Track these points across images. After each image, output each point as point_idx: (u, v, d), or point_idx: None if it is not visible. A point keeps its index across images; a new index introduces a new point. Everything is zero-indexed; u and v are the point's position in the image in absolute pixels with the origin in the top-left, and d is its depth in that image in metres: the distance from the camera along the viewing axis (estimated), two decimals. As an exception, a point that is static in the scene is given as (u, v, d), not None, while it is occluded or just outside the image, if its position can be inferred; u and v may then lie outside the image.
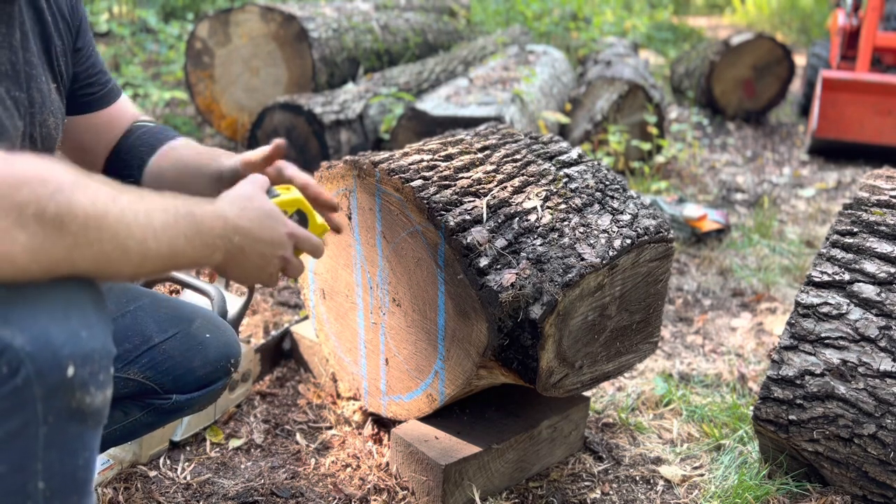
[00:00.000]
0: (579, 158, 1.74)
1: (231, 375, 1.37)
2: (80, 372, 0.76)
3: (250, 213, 0.97)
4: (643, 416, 1.99)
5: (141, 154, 1.31)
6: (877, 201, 1.73)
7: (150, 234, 0.80)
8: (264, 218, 0.99)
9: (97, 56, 1.28)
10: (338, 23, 4.46)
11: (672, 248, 1.61)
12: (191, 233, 0.86)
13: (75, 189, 0.74)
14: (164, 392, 1.28)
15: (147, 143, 1.31)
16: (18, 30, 1.04)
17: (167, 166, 1.30)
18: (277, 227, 1.01)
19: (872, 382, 1.49)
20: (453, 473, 1.54)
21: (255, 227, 0.97)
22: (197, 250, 0.88)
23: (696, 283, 2.93)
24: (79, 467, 0.81)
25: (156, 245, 0.81)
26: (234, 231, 0.94)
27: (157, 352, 1.25)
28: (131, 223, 0.78)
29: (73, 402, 0.77)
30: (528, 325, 1.37)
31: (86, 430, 0.81)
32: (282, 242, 1.02)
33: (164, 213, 0.83)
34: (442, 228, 1.44)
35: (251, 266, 0.99)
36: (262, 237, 0.98)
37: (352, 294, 1.74)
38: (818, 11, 12.34)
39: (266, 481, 1.66)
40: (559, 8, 8.34)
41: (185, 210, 0.86)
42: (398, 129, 3.31)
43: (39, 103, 1.08)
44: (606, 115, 4.03)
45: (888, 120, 4.86)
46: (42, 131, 1.10)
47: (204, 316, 1.34)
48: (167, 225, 0.82)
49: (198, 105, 4.33)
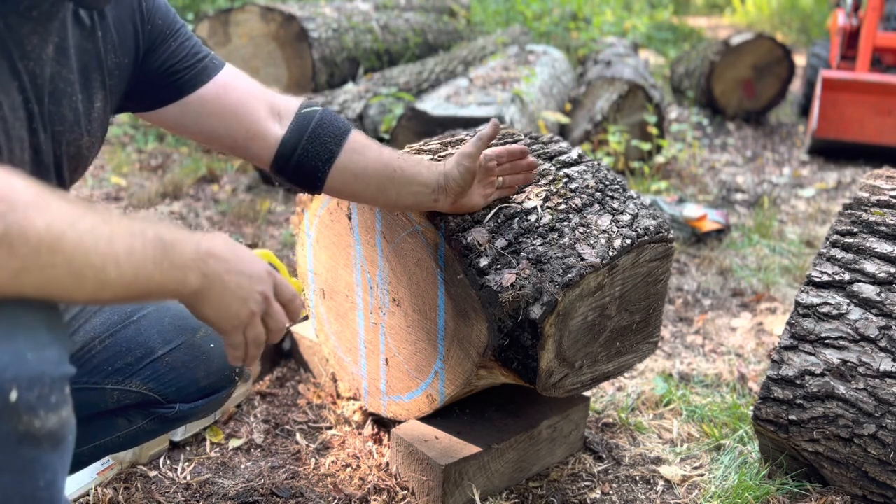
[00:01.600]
0: (579, 158, 1.74)
1: (235, 384, 1.36)
2: (25, 395, 0.73)
3: (223, 243, 0.92)
4: (643, 416, 1.99)
5: (327, 146, 1.29)
6: (877, 201, 1.73)
7: (111, 260, 0.76)
8: (239, 249, 0.94)
9: (187, 42, 1.23)
10: (338, 23, 4.47)
11: (672, 248, 1.61)
12: (159, 257, 0.82)
13: (30, 209, 0.70)
14: (168, 402, 1.28)
15: (330, 133, 1.29)
16: (52, 45, 1.00)
17: (367, 167, 1.29)
18: (255, 260, 0.96)
19: (872, 382, 1.49)
20: (453, 473, 1.54)
21: (230, 254, 0.91)
22: (167, 275, 0.83)
23: (696, 283, 2.93)
24: (39, 489, 0.78)
25: (117, 272, 0.77)
26: (208, 254, 0.88)
27: (161, 364, 1.25)
28: (89, 249, 0.74)
29: (21, 426, 0.73)
30: (528, 325, 1.37)
31: (41, 452, 0.77)
32: (261, 276, 0.95)
33: (131, 237, 0.79)
34: (442, 228, 1.44)
35: (231, 298, 0.92)
36: (239, 267, 0.92)
37: (352, 294, 1.74)
38: (818, 11, 12.34)
39: (266, 481, 1.66)
40: (559, 8, 8.34)
41: (154, 234, 0.82)
42: (398, 129, 3.31)
43: (71, 121, 1.04)
44: (606, 115, 4.03)
45: (888, 120, 4.86)
46: (70, 150, 1.06)
47: (208, 326, 1.33)
48: (132, 250, 0.78)
49: (198, 105, 4.33)
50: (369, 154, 1.33)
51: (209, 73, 1.24)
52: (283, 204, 3.55)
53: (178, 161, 4.13)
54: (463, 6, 7.43)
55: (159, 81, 1.22)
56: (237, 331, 0.96)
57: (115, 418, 1.29)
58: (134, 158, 4.13)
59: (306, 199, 1.76)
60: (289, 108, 1.31)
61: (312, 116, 1.30)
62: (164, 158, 4.19)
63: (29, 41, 0.95)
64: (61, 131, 1.03)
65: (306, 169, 1.30)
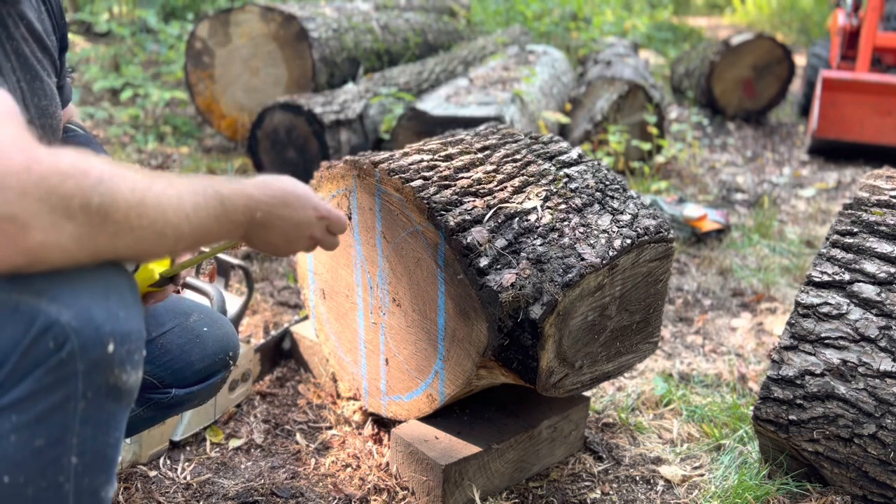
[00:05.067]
0: (579, 158, 1.74)
1: (230, 369, 1.37)
2: (118, 350, 0.79)
3: (273, 190, 1.00)
4: (643, 416, 1.99)
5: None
6: (877, 201, 1.73)
7: (183, 217, 0.84)
8: (289, 196, 1.02)
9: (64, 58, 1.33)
10: (338, 23, 4.47)
11: (672, 248, 1.61)
12: (219, 211, 0.90)
13: (115, 179, 0.77)
14: (164, 386, 1.28)
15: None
16: (24, 27, 1.08)
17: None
18: (306, 206, 1.04)
19: (872, 382, 1.49)
20: (453, 473, 1.54)
21: (277, 203, 1.00)
22: (224, 227, 0.92)
23: (696, 283, 2.93)
24: (109, 445, 0.84)
25: (188, 227, 0.85)
26: (256, 207, 0.97)
27: (155, 346, 1.26)
28: (167, 208, 0.82)
29: (111, 379, 0.80)
30: (528, 325, 1.37)
31: (119, 408, 0.84)
32: (309, 222, 1.06)
33: (194, 195, 0.87)
34: (442, 228, 1.44)
35: (277, 241, 1.03)
36: (288, 214, 1.02)
37: (352, 294, 1.74)
38: (818, 11, 12.34)
39: (266, 481, 1.66)
40: (559, 8, 8.34)
41: (213, 191, 0.90)
42: (398, 129, 3.31)
43: (50, 95, 1.11)
44: (606, 115, 4.03)
45: (888, 120, 4.86)
46: (53, 123, 1.13)
47: (201, 310, 1.34)
48: (198, 207, 0.86)
49: (198, 105, 4.33)
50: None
51: (68, 97, 1.35)
52: (283, 204, 3.55)
53: (179, 161, 4.13)
54: (463, 6, 7.43)
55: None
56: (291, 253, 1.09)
57: None
58: (134, 158, 4.13)
59: (306, 199, 1.76)
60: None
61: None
62: (164, 159, 4.19)
63: (6, 24, 1.03)
64: (46, 105, 1.11)
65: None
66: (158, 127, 4.66)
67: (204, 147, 4.49)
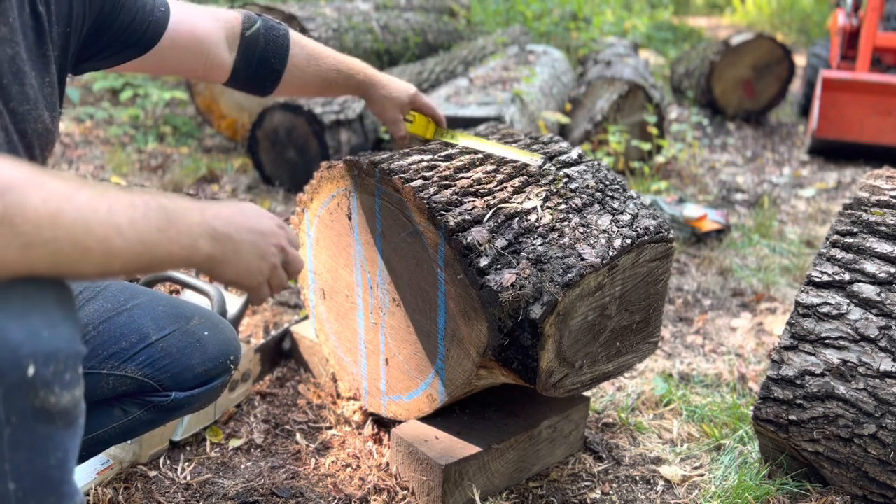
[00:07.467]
0: (579, 158, 1.74)
1: (231, 373, 1.37)
2: (41, 371, 0.74)
3: (228, 205, 0.95)
4: (643, 416, 1.99)
5: (274, 66, 1.53)
6: (877, 201, 1.73)
7: (113, 230, 0.78)
8: (245, 208, 0.98)
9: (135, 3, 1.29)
10: (338, 23, 4.47)
11: (672, 248, 1.61)
12: (164, 225, 0.83)
13: (27, 188, 0.72)
14: (164, 389, 1.28)
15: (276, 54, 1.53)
16: (6, 26, 1.02)
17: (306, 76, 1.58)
18: (262, 216, 1.00)
19: (872, 382, 1.49)
20: (453, 473, 1.54)
21: (237, 214, 0.94)
22: (175, 242, 0.84)
23: (696, 283, 2.93)
24: (51, 467, 0.79)
25: (121, 241, 0.78)
26: (215, 218, 0.90)
27: (155, 349, 1.25)
28: (89, 220, 0.76)
29: (37, 402, 0.75)
30: (528, 325, 1.37)
31: (55, 430, 0.78)
32: (273, 231, 1.00)
33: (132, 208, 0.80)
34: (442, 228, 1.44)
35: (248, 257, 0.95)
36: (249, 224, 0.96)
37: (352, 294, 1.74)
38: (818, 11, 12.34)
39: (266, 481, 1.66)
40: (559, 8, 8.34)
41: (157, 204, 0.84)
42: (398, 129, 3.31)
43: (34, 100, 1.07)
44: (606, 115, 4.03)
45: (888, 120, 4.86)
46: (38, 127, 1.08)
47: (202, 314, 1.34)
48: (134, 220, 0.80)
49: (198, 105, 4.33)
50: (309, 66, 1.59)
51: (162, 25, 1.35)
52: (283, 204, 3.55)
53: (178, 161, 4.13)
54: (463, 6, 7.43)
55: (117, 45, 1.30)
56: (262, 286, 1.01)
57: (111, 409, 1.29)
58: (134, 158, 4.13)
59: (306, 199, 1.76)
60: (234, 33, 1.49)
61: (256, 41, 1.51)
62: (164, 158, 4.19)
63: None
64: (29, 110, 1.05)
65: (257, 84, 1.57)
66: (158, 127, 4.66)
67: (204, 147, 4.49)
